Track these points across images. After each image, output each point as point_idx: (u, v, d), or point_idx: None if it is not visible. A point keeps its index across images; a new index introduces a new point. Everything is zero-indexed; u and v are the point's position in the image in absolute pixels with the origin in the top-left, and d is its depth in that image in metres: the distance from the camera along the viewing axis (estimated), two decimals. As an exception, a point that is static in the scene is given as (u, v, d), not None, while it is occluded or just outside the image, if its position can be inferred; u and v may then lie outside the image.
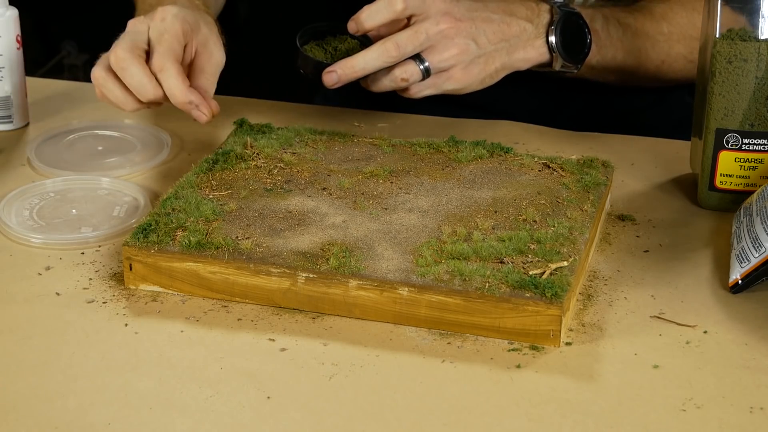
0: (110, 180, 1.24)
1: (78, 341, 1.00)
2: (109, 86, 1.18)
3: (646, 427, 0.91)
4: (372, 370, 0.97)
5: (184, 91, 1.16)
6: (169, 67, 1.15)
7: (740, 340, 1.01)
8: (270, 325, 1.02)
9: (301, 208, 1.11)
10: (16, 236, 1.14)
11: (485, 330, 1.00)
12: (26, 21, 1.41)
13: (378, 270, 1.02)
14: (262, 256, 1.04)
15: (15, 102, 1.37)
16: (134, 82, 1.16)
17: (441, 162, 1.20)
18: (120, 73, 1.16)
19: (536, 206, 1.11)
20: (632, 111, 1.48)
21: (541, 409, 0.93)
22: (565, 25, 1.27)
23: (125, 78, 1.16)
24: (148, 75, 1.16)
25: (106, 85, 1.18)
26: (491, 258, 1.03)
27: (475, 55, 1.23)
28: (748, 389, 0.95)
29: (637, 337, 1.01)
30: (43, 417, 0.91)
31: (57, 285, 1.08)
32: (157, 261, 1.05)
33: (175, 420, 0.91)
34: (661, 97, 1.49)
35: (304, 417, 0.91)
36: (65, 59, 2.99)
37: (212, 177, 1.16)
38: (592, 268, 1.11)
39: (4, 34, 1.34)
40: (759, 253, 1.05)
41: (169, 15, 1.18)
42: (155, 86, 1.16)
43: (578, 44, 1.28)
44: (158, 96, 1.17)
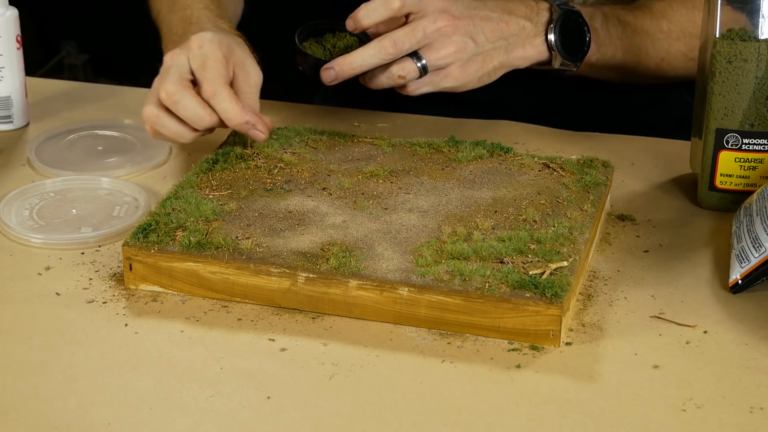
0: (110, 180, 1.24)
1: (78, 341, 1.00)
2: (163, 122, 1.16)
3: (646, 427, 0.91)
4: (372, 370, 0.97)
5: (239, 112, 1.15)
6: (220, 92, 1.15)
7: (740, 340, 1.01)
8: (270, 325, 1.02)
9: (301, 208, 1.11)
10: (16, 236, 1.14)
11: (485, 330, 1.00)
12: (26, 21, 1.41)
13: (378, 270, 1.02)
14: (262, 256, 1.04)
15: (15, 102, 1.37)
16: (189, 113, 1.15)
17: (441, 162, 1.20)
18: (173, 107, 1.15)
19: (536, 206, 1.11)
20: (631, 109, 1.48)
21: (541, 409, 0.93)
22: (564, 24, 1.27)
23: (179, 111, 1.15)
24: (201, 104, 1.15)
25: (160, 122, 1.16)
26: (491, 258, 1.03)
27: (473, 53, 1.23)
28: (748, 389, 0.95)
29: (637, 337, 1.01)
30: (43, 417, 0.91)
31: (57, 285, 1.08)
32: (157, 261, 1.05)
33: (175, 420, 0.91)
34: (661, 96, 1.49)
35: (304, 417, 0.91)
36: (65, 59, 3.00)
37: (212, 177, 1.16)
38: (592, 268, 1.11)
39: (4, 34, 1.34)
40: (759, 253, 1.05)
41: (206, 41, 1.18)
42: (210, 113, 1.15)
43: (577, 42, 1.28)
44: (214, 122, 1.16)
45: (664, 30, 1.34)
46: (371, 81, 1.24)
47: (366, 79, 1.24)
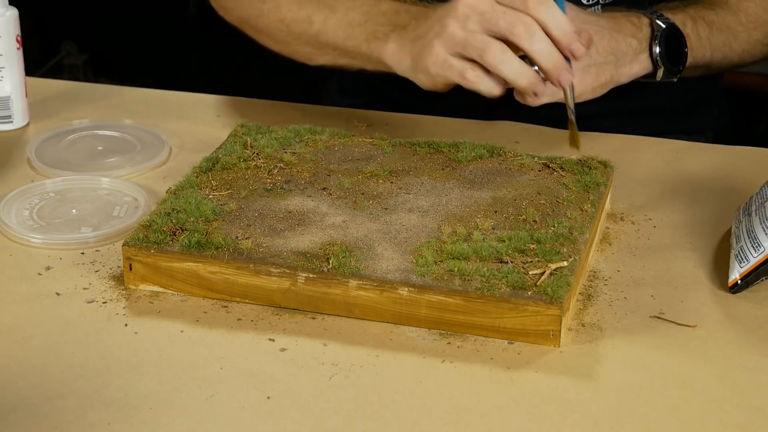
0: (110, 180, 1.24)
1: (78, 341, 1.00)
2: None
3: (646, 427, 0.91)
4: (372, 370, 0.97)
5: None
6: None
7: (740, 340, 1.01)
8: (270, 325, 1.02)
9: (301, 208, 1.11)
10: (16, 236, 1.14)
11: (485, 330, 1.00)
12: (26, 21, 1.41)
13: (378, 270, 1.02)
14: (262, 256, 1.04)
15: (15, 102, 1.37)
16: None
17: (441, 162, 1.20)
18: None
19: (536, 206, 1.11)
20: (631, 109, 1.48)
21: (541, 409, 0.93)
22: (667, 37, 1.28)
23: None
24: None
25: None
26: (491, 258, 1.03)
27: (588, 63, 1.23)
28: (748, 389, 0.95)
29: (637, 337, 1.01)
30: (43, 417, 0.91)
31: (57, 285, 1.08)
32: (157, 261, 1.05)
33: (175, 420, 0.91)
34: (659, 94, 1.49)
35: (304, 417, 0.91)
36: (65, 59, 2.99)
37: (212, 177, 1.16)
38: (592, 268, 1.11)
39: (4, 34, 1.34)
40: (758, 252, 1.05)
41: None
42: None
43: (677, 53, 1.30)
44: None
45: (743, 22, 1.36)
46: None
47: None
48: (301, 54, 1.34)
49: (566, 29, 1.12)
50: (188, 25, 2.87)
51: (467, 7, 1.13)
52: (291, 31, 1.30)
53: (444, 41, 1.14)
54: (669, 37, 1.29)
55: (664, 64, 1.29)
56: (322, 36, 1.28)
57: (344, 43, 1.26)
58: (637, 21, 1.29)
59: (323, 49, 1.30)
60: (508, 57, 1.12)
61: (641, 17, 1.30)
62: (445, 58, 1.14)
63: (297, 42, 1.32)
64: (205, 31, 2.76)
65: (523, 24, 1.11)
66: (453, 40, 1.13)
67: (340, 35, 1.27)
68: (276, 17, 1.31)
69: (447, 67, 1.14)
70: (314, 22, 1.28)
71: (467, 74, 1.13)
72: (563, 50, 1.13)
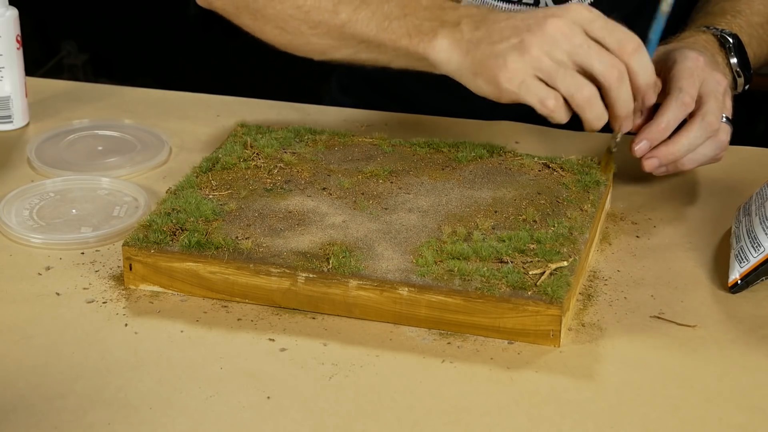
0: (110, 180, 1.24)
1: (78, 341, 1.00)
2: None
3: (646, 427, 0.91)
4: (372, 370, 0.97)
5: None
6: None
7: (740, 340, 1.01)
8: (270, 325, 1.02)
9: (301, 208, 1.11)
10: (16, 236, 1.14)
11: (485, 330, 1.00)
12: (26, 21, 1.41)
13: (378, 270, 1.02)
14: (262, 256, 1.04)
15: (15, 102, 1.37)
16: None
17: (441, 162, 1.20)
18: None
19: (536, 206, 1.11)
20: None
21: (541, 409, 0.93)
22: (738, 47, 1.28)
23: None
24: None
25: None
26: (491, 258, 1.03)
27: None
28: (748, 389, 0.95)
29: (637, 337, 1.01)
30: (43, 417, 0.91)
31: (57, 285, 1.08)
32: (157, 261, 1.05)
33: (175, 420, 0.91)
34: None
35: (304, 417, 0.91)
36: (65, 59, 2.99)
37: (212, 177, 1.16)
38: (592, 268, 1.11)
39: (4, 34, 1.34)
40: (758, 252, 1.05)
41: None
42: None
43: (745, 60, 1.29)
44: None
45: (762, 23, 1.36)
46: (689, 163, 1.19)
47: (687, 160, 1.19)
48: (315, 46, 1.27)
49: (651, 80, 1.12)
50: (188, 25, 2.88)
51: (558, 32, 1.10)
52: (309, 19, 1.24)
53: (525, 61, 1.10)
54: (739, 47, 1.28)
55: (743, 73, 1.27)
56: (349, 27, 1.23)
57: (377, 36, 1.21)
58: (706, 38, 1.28)
59: (345, 42, 1.24)
60: (596, 102, 1.10)
61: (706, 33, 1.28)
62: (524, 78, 1.10)
63: (313, 32, 1.26)
64: (205, 31, 2.76)
65: (618, 71, 1.09)
66: (538, 64, 1.10)
67: (374, 28, 1.21)
68: (293, 3, 1.26)
69: (525, 88, 1.11)
70: (341, 12, 1.22)
71: (548, 102, 1.10)
72: (637, 97, 1.12)
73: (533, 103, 1.11)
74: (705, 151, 1.18)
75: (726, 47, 1.27)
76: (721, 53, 1.27)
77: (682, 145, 1.17)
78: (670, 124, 1.17)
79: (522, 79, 1.10)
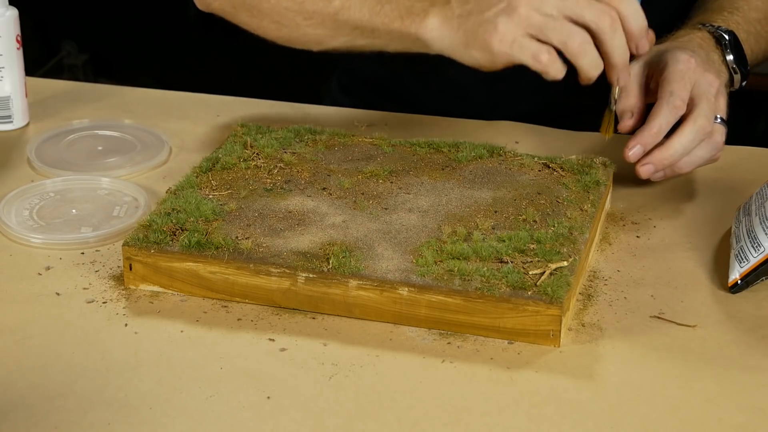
0: (110, 180, 1.24)
1: (78, 341, 1.00)
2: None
3: (646, 427, 0.91)
4: (372, 370, 0.97)
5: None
6: None
7: (740, 340, 1.01)
8: (270, 325, 1.02)
9: (301, 208, 1.11)
10: (16, 236, 1.14)
11: (485, 330, 1.00)
12: (26, 21, 1.41)
13: (378, 270, 1.02)
14: (262, 256, 1.04)
15: (15, 102, 1.37)
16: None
17: (441, 162, 1.20)
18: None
19: (536, 206, 1.11)
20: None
21: (541, 409, 0.93)
22: (734, 44, 1.27)
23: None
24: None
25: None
26: (491, 258, 1.03)
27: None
28: (748, 389, 0.95)
29: (637, 337, 1.01)
30: (43, 417, 0.91)
31: (57, 285, 1.08)
32: (157, 261, 1.05)
33: (175, 420, 0.91)
34: None
35: (304, 417, 0.91)
36: (65, 59, 2.99)
37: (212, 177, 1.16)
38: (592, 268, 1.11)
39: (4, 34, 1.34)
40: (758, 252, 1.05)
41: None
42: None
43: (742, 57, 1.28)
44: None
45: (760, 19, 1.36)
46: (686, 166, 1.20)
47: (683, 163, 1.20)
48: (311, 37, 1.28)
49: (643, 25, 1.12)
50: (188, 25, 2.88)
51: None
52: (303, 10, 1.25)
53: (515, 21, 1.12)
54: (736, 43, 1.28)
55: (740, 69, 1.27)
56: (342, 14, 1.23)
57: (370, 20, 1.22)
58: (701, 35, 1.28)
59: (340, 29, 1.25)
60: (590, 48, 1.11)
61: (701, 30, 1.28)
62: (515, 38, 1.11)
63: (308, 23, 1.27)
64: (205, 31, 2.76)
65: (610, 18, 1.10)
66: (528, 21, 1.11)
67: (367, 12, 1.22)
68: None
69: (517, 47, 1.12)
70: (334, 0, 1.25)
71: (542, 57, 1.11)
72: (631, 45, 1.13)
73: (527, 60, 1.12)
74: (701, 153, 1.18)
75: (722, 44, 1.27)
76: (717, 50, 1.27)
77: (676, 149, 1.17)
78: (662, 128, 1.17)
79: (513, 38, 1.11)
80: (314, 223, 1.08)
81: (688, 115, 1.17)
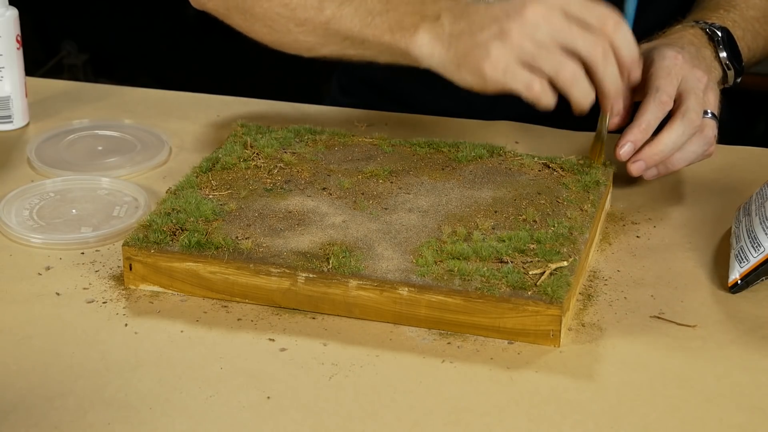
0: (110, 180, 1.24)
1: (78, 341, 1.00)
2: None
3: (646, 427, 0.91)
4: (372, 370, 0.97)
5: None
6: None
7: (740, 340, 1.01)
8: (270, 325, 1.02)
9: (301, 208, 1.11)
10: (16, 236, 1.14)
11: (485, 330, 1.00)
12: (26, 21, 1.41)
13: (378, 270, 1.02)
14: (262, 256, 1.04)
15: (15, 102, 1.37)
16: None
17: (441, 162, 1.20)
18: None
19: (536, 206, 1.11)
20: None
21: (541, 409, 0.93)
22: (728, 40, 1.27)
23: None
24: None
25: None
26: (491, 258, 1.03)
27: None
28: (748, 389, 0.95)
29: (637, 337, 1.01)
30: (43, 417, 0.91)
31: (57, 285, 1.08)
32: (157, 261, 1.05)
33: (175, 420, 0.91)
34: None
35: (304, 417, 0.91)
36: (65, 59, 2.99)
37: (212, 177, 1.16)
38: (592, 268, 1.11)
39: (4, 34, 1.34)
40: (758, 252, 1.05)
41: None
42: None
43: (736, 53, 1.29)
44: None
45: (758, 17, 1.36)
46: (680, 162, 1.19)
47: (676, 159, 1.19)
48: (302, 44, 1.28)
49: (635, 56, 1.12)
50: (188, 25, 2.87)
51: (538, 16, 1.10)
52: (295, 16, 1.26)
53: (508, 48, 1.11)
54: (729, 40, 1.28)
55: (733, 66, 1.27)
56: (334, 24, 1.23)
57: (361, 32, 1.22)
58: (693, 32, 1.28)
59: (331, 38, 1.25)
60: (581, 79, 1.10)
61: (694, 28, 1.28)
62: (508, 65, 1.11)
63: (299, 30, 1.27)
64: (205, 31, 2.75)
65: (602, 48, 1.10)
66: (520, 49, 1.10)
67: (357, 24, 1.22)
68: (279, 1, 1.27)
69: (510, 75, 1.11)
70: (326, 8, 1.23)
71: (534, 86, 1.10)
72: (623, 73, 1.13)
73: (519, 88, 1.11)
74: (692, 148, 1.18)
75: (715, 40, 1.27)
76: (709, 47, 1.27)
77: (665, 144, 1.17)
78: (650, 124, 1.17)
79: (506, 66, 1.11)
80: (314, 223, 1.08)
81: (676, 111, 1.17)
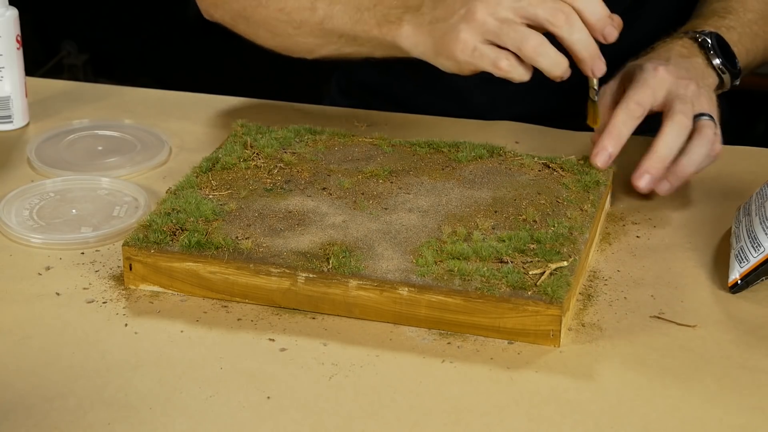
0: (110, 180, 1.24)
1: (78, 341, 1.00)
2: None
3: (646, 427, 0.91)
4: (372, 370, 0.97)
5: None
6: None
7: (740, 340, 1.01)
8: (270, 325, 1.02)
9: (301, 208, 1.11)
10: (16, 236, 1.14)
11: (485, 330, 1.00)
12: (26, 21, 1.41)
13: (378, 270, 1.02)
14: (262, 256, 1.04)
15: (15, 102, 1.37)
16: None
17: (441, 162, 1.20)
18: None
19: (536, 206, 1.11)
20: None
21: (541, 409, 0.93)
22: (720, 46, 1.27)
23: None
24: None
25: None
26: (491, 258, 1.03)
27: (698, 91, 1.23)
28: (748, 389, 0.95)
29: (637, 337, 1.01)
30: (43, 417, 0.91)
31: (57, 285, 1.08)
32: (156, 261, 1.05)
33: (175, 420, 0.91)
34: None
35: (304, 417, 0.91)
36: (65, 59, 3.00)
37: (212, 177, 1.16)
38: (592, 268, 1.11)
39: (4, 34, 1.34)
40: (758, 252, 1.05)
41: None
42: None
43: (731, 57, 1.29)
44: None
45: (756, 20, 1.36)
46: (689, 167, 1.19)
47: (684, 166, 1.19)
48: (302, 46, 1.30)
49: (602, 14, 1.11)
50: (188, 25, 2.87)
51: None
52: (292, 20, 1.27)
53: (473, 28, 1.11)
54: (721, 46, 1.28)
55: (728, 70, 1.27)
56: (327, 23, 1.25)
57: (352, 28, 1.23)
58: (682, 43, 1.28)
59: (328, 37, 1.26)
60: (546, 48, 1.11)
61: (683, 38, 1.29)
62: (475, 45, 1.11)
63: (298, 32, 1.28)
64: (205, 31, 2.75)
65: (563, 14, 1.10)
66: (484, 27, 1.11)
67: (348, 21, 1.23)
68: (276, 6, 1.27)
69: (478, 55, 1.12)
70: (318, 9, 1.24)
71: (501, 63, 1.11)
72: (596, 35, 1.12)
73: (488, 67, 1.12)
74: (696, 149, 1.18)
75: (705, 48, 1.27)
76: (700, 55, 1.27)
77: (661, 149, 1.17)
78: (621, 132, 1.17)
79: (473, 46, 1.12)
80: (314, 223, 1.08)
81: (665, 117, 1.18)
